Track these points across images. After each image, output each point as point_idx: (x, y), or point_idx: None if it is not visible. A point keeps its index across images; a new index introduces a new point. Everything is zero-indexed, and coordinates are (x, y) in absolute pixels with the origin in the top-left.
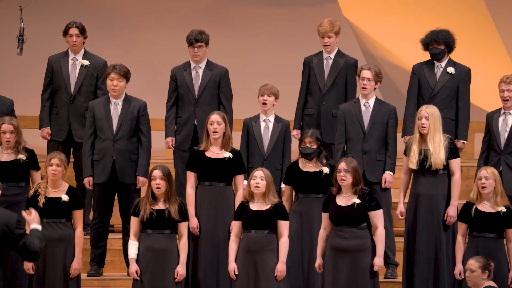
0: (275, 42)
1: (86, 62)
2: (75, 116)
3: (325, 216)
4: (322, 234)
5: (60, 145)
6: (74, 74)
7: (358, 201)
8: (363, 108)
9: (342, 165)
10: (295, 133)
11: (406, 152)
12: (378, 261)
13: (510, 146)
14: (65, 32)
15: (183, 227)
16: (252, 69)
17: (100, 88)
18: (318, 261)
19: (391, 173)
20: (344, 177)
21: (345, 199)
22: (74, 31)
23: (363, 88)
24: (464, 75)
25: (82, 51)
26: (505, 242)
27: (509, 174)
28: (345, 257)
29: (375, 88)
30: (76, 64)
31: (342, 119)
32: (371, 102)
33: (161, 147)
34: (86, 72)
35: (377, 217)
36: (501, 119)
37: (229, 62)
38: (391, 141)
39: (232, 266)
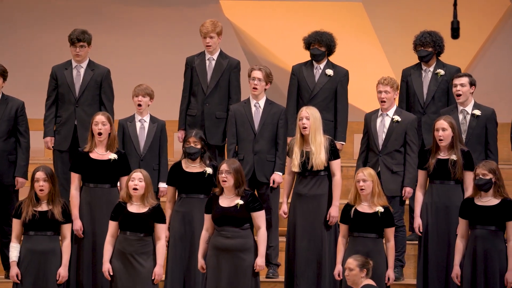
0: (157, 42)
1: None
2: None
3: (207, 218)
4: (204, 235)
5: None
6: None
7: (241, 202)
8: (253, 108)
9: (223, 167)
10: (180, 134)
11: (289, 154)
12: (260, 261)
13: (388, 147)
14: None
15: (66, 228)
16: (133, 69)
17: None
18: (200, 262)
19: (280, 173)
20: (226, 178)
21: (228, 200)
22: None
23: (253, 88)
24: (342, 77)
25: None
26: (383, 242)
27: (387, 175)
28: (227, 257)
29: (265, 89)
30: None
31: (233, 119)
32: (262, 102)
33: (41, 147)
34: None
35: (260, 218)
36: (378, 120)
37: (111, 62)
38: (281, 141)
39: (107, 267)
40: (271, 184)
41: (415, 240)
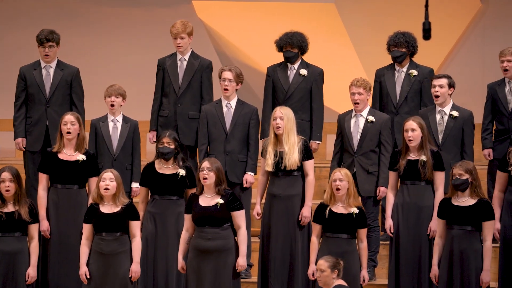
0: (129, 43)
1: None
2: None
3: (187, 218)
4: (184, 235)
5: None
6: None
7: (221, 201)
8: (225, 109)
9: (205, 164)
10: (151, 135)
11: (263, 154)
12: (241, 261)
13: (363, 148)
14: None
15: (33, 229)
16: (104, 70)
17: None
18: (180, 263)
19: (252, 173)
20: (207, 176)
21: (208, 200)
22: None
23: (224, 89)
24: (316, 76)
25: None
26: (357, 242)
27: (363, 175)
28: (208, 258)
29: (236, 89)
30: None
31: (204, 120)
32: (233, 103)
33: (12, 148)
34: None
35: (240, 217)
36: (352, 121)
37: (81, 62)
38: (252, 142)
39: (83, 270)
40: (244, 185)
41: (387, 240)
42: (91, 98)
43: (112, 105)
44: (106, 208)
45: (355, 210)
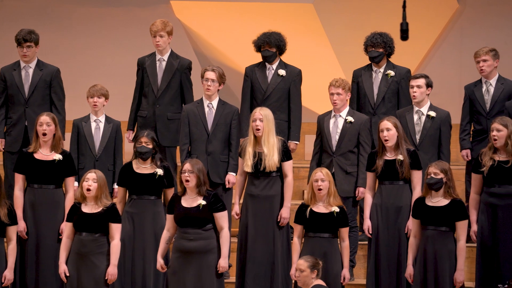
0: (108, 43)
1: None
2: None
3: (169, 218)
4: (165, 235)
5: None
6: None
7: (203, 202)
8: (206, 109)
9: (186, 166)
10: (128, 135)
11: (241, 154)
12: (223, 262)
13: (342, 148)
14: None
15: (11, 231)
16: (84, 69)
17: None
18: (159, 262)
19: (234, 174)
20: (189, 178)
21: (190, 200)
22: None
23: (207, 89)
24: (295, 76)
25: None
26: (339, 242)
27: (341, 176)
28: (191, 259)
29: (218, 89)
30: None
31: (186, 120)
32: (215, 103)
33: None
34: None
35: (222, 218)
36: (331, 121)
37: (61, 62)
38: (234, 142)
39: (63, 268)
40: (227, 185)
41: (365, 240)
42: (72, 98)
43: (95, 106)
44: (88, 208)
45: (336, 209)
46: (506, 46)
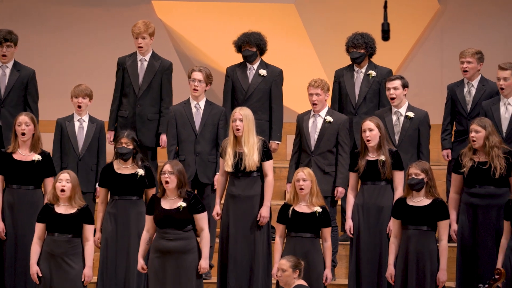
0: (89, 42)
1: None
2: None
3: (149, 219)
4: (145, 236)
5: None
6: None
7: (183, 204)
8: (194, 109)
9: (166, 167)
10: (108, 135)
11: (222, 154)
12: (204, 263)
13: (320, 148)
14: None
15: None
16: (65, 69)
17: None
18: (140, 262)
19: None
20: (169, 179)
21: (171, 202)
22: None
23: (194, 90)
24: (276, 76)
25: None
26: (321, 242)
27: (319, 175)
28: (170, 259)
29: (205, 90)
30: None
31: (173, 120)
32: (202, 103)
33: None
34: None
35: (203, 219)
36: (311, 121)
37: (41, 62)
38: (221, 142)
39: (35, 269)
40: (215, 186)
41: (347, 240)
42: (53, 97)
43: (79, 106)
44: (61, 209)
45: (318, 209)
46: (494, 46)
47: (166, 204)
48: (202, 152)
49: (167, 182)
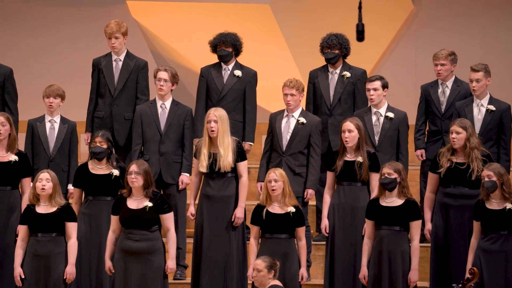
0: (64, 42)
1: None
2: None
3: (114, 219)
4: (111, 236)
5: None
6: None
7: (150, 204)
8: (159, 109)
9: (133, 167)
10: (86, 137)
11: (196, 155)
12: (171, 264)
13: (292, 148)
14: None
15: None
16: (38, 69)
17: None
18: (107, 264)
19: (188, 174)
20: (135, 179)
21: (137, 202)
22: None
23: (159, 89)
24: (250, 77)
25: None
26: (296, 241)
27: (290, 176)
28: (136, 260)
29: (171, 90)
30: None
31: (138, 120)
32: (168, 103)
33: None
34: None
35: (169, 219)
36: (284, 121)
37: (16, 61)
38: (187, 142)
39: (18, 271)
40: (180, 186)
41: (322, 240)
42: (26, 97)
43: (51, 106)
44: (42, 209)
45: (291, 209)
46: (467, 47)
47: (132, 204)
48: (167, 152)
49: (133, 182)
